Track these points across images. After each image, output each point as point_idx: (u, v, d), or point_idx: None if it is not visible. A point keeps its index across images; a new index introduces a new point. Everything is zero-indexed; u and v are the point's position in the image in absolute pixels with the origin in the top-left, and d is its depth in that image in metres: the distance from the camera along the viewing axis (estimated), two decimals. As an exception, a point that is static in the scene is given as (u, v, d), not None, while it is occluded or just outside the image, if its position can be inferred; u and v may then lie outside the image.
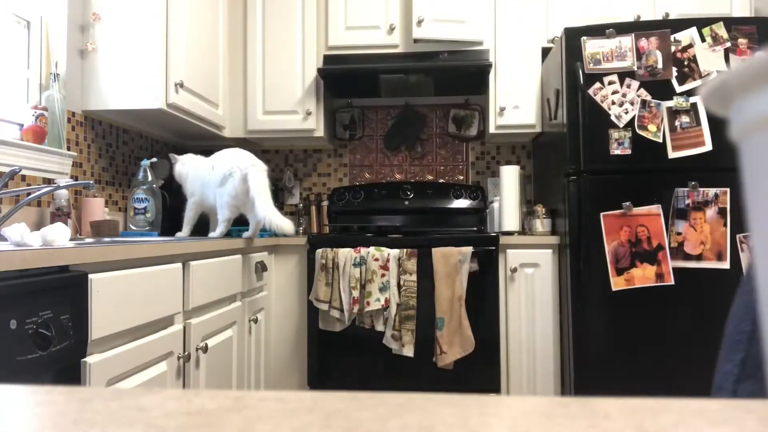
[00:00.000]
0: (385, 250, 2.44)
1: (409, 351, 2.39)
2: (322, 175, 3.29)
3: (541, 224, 2.65)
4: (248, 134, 2.95)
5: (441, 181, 3.22)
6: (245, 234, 2.20)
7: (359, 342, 2.47)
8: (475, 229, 3.01)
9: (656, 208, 2.24)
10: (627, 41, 2.29)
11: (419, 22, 2.75)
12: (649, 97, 2.27)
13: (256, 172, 2.11)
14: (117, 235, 2.12)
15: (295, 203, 3.22)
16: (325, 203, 3.15)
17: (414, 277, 2.42)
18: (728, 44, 2.25)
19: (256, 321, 2.32)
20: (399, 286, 2.42)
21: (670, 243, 2.22)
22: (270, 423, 0.22)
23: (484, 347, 2.42)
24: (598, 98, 2.30)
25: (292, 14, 2.90)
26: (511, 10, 2.83)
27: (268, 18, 2.91)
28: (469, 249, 2.43)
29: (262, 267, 2.39)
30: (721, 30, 2.26)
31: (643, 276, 2.23)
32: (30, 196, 1.77)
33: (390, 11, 2.85)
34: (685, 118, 2.25)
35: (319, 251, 2.46)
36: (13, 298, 1.00)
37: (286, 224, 2.08)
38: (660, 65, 2.27)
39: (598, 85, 2.30)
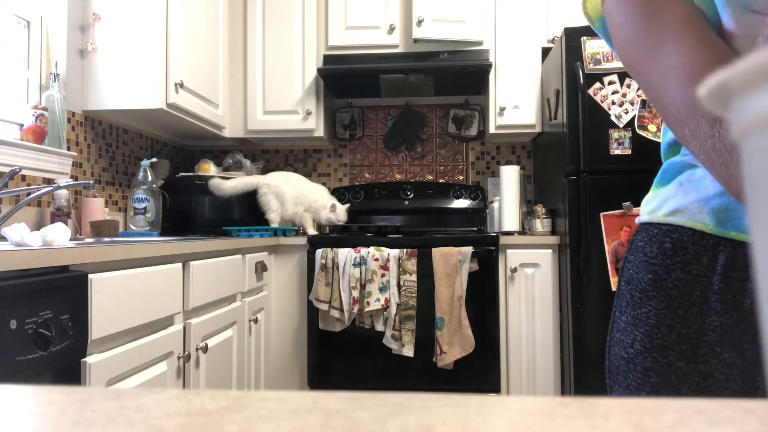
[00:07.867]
0: (385, 250, 2.44)
1: (409, 351, 2.39)
2: (322, 175, 3.29)
3: (541, 224, 2.65)
4: (248, 134, 2.95)
5: (441, 181, 3.22)
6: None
7: (359, 342, 2.47)
8: (475, 229, 3.01)
9: (656, 208, 2.24)
10: (627, 41, 2.29)
11: (419, 22, 2.75)
12: (649, 97, 2.27)
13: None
14: (117, 235, 2.12)
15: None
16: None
17: (414, 277, 2.42)
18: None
19: (256, 321, 2.32)
20: (399, 286, 2.42)
21: (670, 243, 2.22)
22: (270, 423, 0.22)
23: (484, 347, 2.42)
24: (598, 98, 2.30)
25: (292, 14, 2.90)
26: (511, 10, 2.83)
27: (268, 18, 2.91)
28: (469, 249, 2.43)
29: (262, 267, 2.39)
30: (721, 30, 2.26)
31: (643, 276, 2.23)
32: (30, 196, 1.77)
33: (390, 11, 2.85)
34: (685, 118, 2.24)
35: (319, 251, 2.46)
36: (13, 298, 1.00)
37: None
38: (660, 65, 2.27)
39: (598, 85, 2.30)
